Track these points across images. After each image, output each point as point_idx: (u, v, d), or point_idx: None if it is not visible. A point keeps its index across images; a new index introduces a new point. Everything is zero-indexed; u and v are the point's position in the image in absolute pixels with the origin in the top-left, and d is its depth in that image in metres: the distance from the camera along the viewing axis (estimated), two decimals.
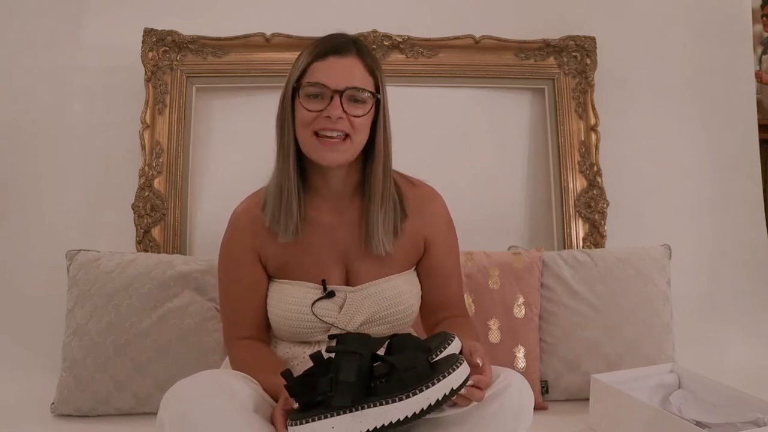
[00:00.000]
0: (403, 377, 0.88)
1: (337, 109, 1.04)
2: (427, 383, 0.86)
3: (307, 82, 1.06)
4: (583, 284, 1.64)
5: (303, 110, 1.06)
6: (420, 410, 0.86)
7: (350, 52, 1.08)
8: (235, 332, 1.17)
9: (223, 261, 1.18)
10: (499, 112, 1.96)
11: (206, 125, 1.88)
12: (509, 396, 0.96)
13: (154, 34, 1.81)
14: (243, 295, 1.16)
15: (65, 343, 1.52)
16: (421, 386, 0.86)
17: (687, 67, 2.04)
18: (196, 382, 0.95)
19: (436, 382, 0.86)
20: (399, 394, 0.86)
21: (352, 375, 0.88)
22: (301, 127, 1.07)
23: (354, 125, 1.06)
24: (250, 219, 1.16)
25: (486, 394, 0.94)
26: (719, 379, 1.45)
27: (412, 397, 0.86)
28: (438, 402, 0.86)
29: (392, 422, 0.86)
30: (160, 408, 0.93)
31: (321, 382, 0.89)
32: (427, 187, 1.23)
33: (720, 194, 2.05)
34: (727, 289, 2.02)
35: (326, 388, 0.88)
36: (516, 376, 1.00)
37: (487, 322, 1.57)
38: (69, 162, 1.87)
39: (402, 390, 0.86)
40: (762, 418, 1.29)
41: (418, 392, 0.86)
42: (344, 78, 1.05)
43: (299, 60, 1.09)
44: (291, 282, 1.15)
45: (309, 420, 0.87)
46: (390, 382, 0.89)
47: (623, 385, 1.40)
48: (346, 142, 1.07)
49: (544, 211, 1.95)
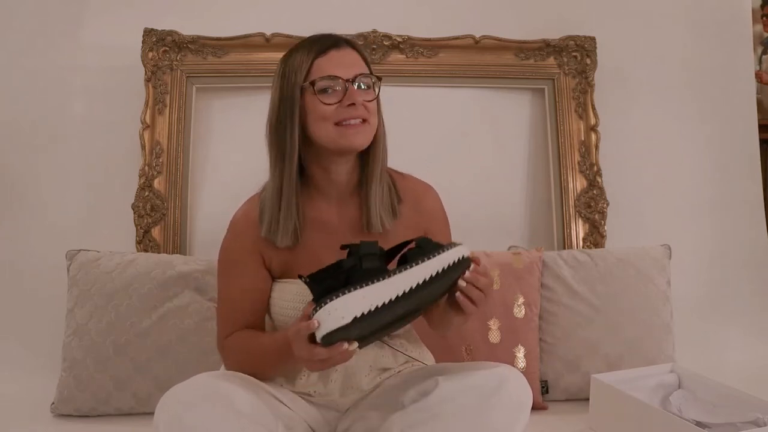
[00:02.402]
0: (421, 245, 0.98)
1: (358, 95, 1.07)
2: (444, 248, 0.97)
3: (320, 77, 1.07)
4: (583, 284, 1.64)
5: (321, 105, 1.07)
6: (442, 269, 0.95)
7: (344, 45, 1.12)
8: (231, 331, 1.16)
9: (224, 264, 1.18)
10: (499, 112, 1.96)
11: (206, 125, 1.88)
12: (507, 389, 0.98)
13: (154, 34, 1.81)
14: (243, 298, 1.16)
15: (65, 343, 1.52)
16: (439, 250, 0.97)
17: (687, 67, 2.04)
18: (192, 386, 0.95)
19: (452, 248, 0.98)
20: (421, 257, 0.95)
21: (375, 249, 0.95)
22: (320, 122, 1.08)
23: (368, 109, 1.10)
24: (251, 222, 1.16)
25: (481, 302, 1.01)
26: (719, 379, 1.44)
27: (433, 258, 0.95)
28: (455, 264, 0.97)
29: (419, 283, 0.93)
30: (156, 411, 0.93)
31: (346, 261, 0.93)
32: (417, 179, 1.26)
33: (720, 194, 2.05)
34: (727, 289, 2.01)
35: (352, 262, 0.93)
36: (513, 371, 1.02)
37: (487, 322, 1.57)
38: (69, 162, 1.87)
39: (423, 255, 0.96)
40: (762, 418, 1.29)
41: (438, 254, 0.96)
42: (351, 67, 1.09)
43: (295, 61, 1.10)
44: (294, 281, 1.15)
45: (339, 294, 0.89)
46: (409, 256, 0.97)
47: (623, 385, 1.40)
48: (366, 125, 1.10)
49: (544, 211, 1.95)
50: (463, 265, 0.98)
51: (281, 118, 1.10)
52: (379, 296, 0.90)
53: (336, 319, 0.87)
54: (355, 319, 0.88)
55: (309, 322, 0.89)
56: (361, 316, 0.88)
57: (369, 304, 0.89)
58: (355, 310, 0.88)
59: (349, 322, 0.87)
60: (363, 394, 1.17)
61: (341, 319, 0.87)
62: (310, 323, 0.88)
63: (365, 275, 0.92)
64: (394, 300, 0.91)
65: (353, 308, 0.88)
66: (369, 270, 0.92)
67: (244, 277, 1.15)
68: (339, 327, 0.87)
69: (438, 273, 0.95)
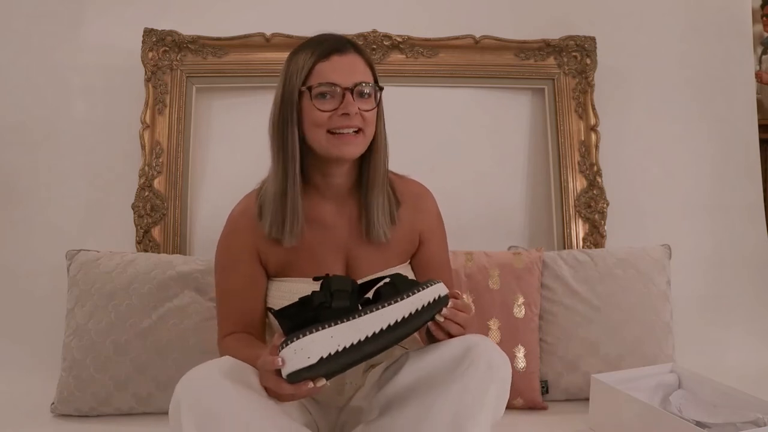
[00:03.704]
0: (395, 284, 0.95)
1: (353, 105, 1.06)
2: (419, 287, 0.95)
3: (318, 83, 1.06)
4: (583, 284, 1.64)
5: (316, 111, 1.07)
6: (415, 311, 0.93)
7: (349, 50, 1.10)
8: (229, 329, 1.17)
9: (222, 260, 1.18)
10: (499, 112, 1.96)
11: (206, 125, 1.88)
12: (476, 352, 0.97)
13: (154, 34, 1.81)
14: (241, 295, 1.16)
15: (65, 343, 1.52)
16: (413, 290, 0.94)
17: (687, 67, 2.04)
18: (210, 367, 0.95)
19: (427, 287, 0.96)
20: (394, 297, 0.93)
21: (347, 285, 0.92)
22: (313, 127, 1.08)
23: (365, 119, 1.09)
24: (250, 219, 1.16)
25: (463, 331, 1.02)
26: (719, 379, 1.45)
27: (406, 299, 0.93)
28: (429, 305, 0.94)
29: (390, 324, 0.90)
30: (175, 393, 0.92)
31: (316, 295, 0.91)
32: (415, 182, 1.26)
33: (720, 194, 2.05)
34: (727, 289, 2.01)
35: (322, 298, 0.90)
36: (483, 338, 1.02)
37: (487, 322, 1.57)
38: (69, 162, 1.87)
39: (396, 295, 0.93)
40: (762, 418, 1.29)
41: (411, 294, 0.94)
42: (351, 74, 1.08)
43: (298, 62, 1.09)
44: (292, 279, 1.16)
45: (306, 333, 0.86)
46: (383, 293, 0.95)
47: (623, 385, 1.40)
48: (359, 136, 1.09)
49: (544, 211, 1.95)
50: (439, 304, 0.96)
51: (283, 118, 1.10)
52: (347, 337, 0.87)
53: (301, 359, 0.85)
54: (321, 360, 0.85)
55: (274, 359, 0.87)
56: (327, 356, 0.86)
57: (336, 344, 0.86)
58: (321, 350, 0.86)
59: (315, 363, 0.85)
60: (358, 388, 1.18)
61: (306, 359, 0.85)
62: (274, 360, 0.87)
63: (335, 313, 0.89)
64: (363, 341, 0.88)
65: (320, 348, 0.86)
66: (339, 308, 0.90)
67: (241, 273, 1.15)
68: (304, 367, 0.85)
69: (410, 314, 0.93)
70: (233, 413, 0.88)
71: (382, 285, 0.97)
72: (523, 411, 1.54)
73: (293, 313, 0.91)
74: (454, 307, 0.99)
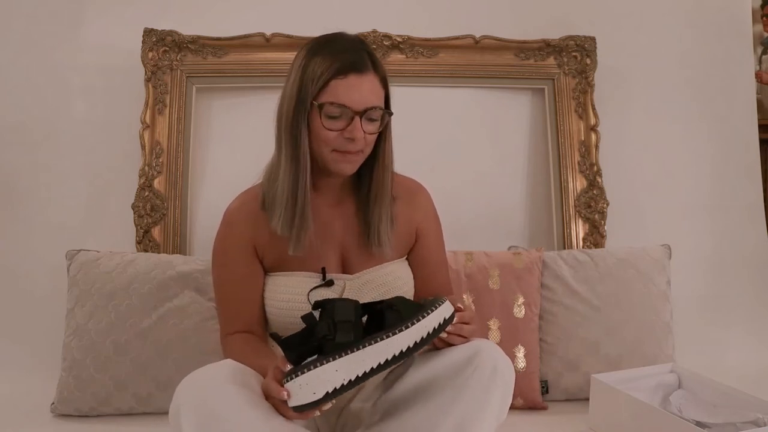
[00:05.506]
0: (399, 311, 0.91)
1: (359, 131, 1.07)
2: (424, 313, 0.91)
3: (329, 103, 1.06)
4: (583, 284, 1.64)
5: (324, 130, 1.07)
6: (420, 339, 0.89)
7: (368, 68, 1.08)
8: (231, 327, 1.17)
9: (219, 257, 1.19)
10: (499, 112, 1.96)
11: (206, 125, 1.88)
12: (480, 357, 0.98)
13: (154, 34, 1.81)
14: (239, 290, 1.17)
15: (65, 343, 1.52)
16: (418, 316, 0.90)
17: (687, 67, 2.04)
18: (213, 370, 0.95)
19: (432, 311, 0.92)
20: (399, 326, 0.89)
21: (351, 314, 0.89)
22: (320, 143, 1.09)
23: (367, 141, 1.10)
24: (247, 214, 1.16)
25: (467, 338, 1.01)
26: (719, 379, 1.45)
27: (411, 327, 0.89)
28: (435, 330, 0.91)
29: (395, 355, 0.88)
30: (176, 395, 0.92)
31: (319, 326, 0.88)
32: (409, 178, 1.27)
33: (720, 194, 2.05)
34: (727, 289, 2.01)
35: (325, 331, 0.87)
36: (487, 342, 1.02)
37: (487, 322, 1.57)
38: (69, 162, 1.87)
39: (400, 323, 0.89)
40: (762, 418, 1.29)
41: (416, 322, 0.90)
42: (365, 99, 1.07)
43: (315, 70, 1.06)
44: (288, 274, 1.16)
45: (311, 368, 0.85)
46: (386, 320, 0.91)
47: (623, 385, 1.40)
48: (359, 154, 1.11)
49: (544, 211, 1.95)
50: (444, 326, 0.94)
51: (296, 121, 1.09)
52: (352, 370, 0.86)
53: (307, 394, 0.85)
54: (327, 394, 0.85)
55: (280, 390, 0.87)
56: (333, 390, 0.85)
57: (342, 378, 0.86)
58: (327, 385, 0.85)
59: (321, 398, 0.85)
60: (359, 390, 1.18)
61: (312, 395, 0.84)
62: (280, 391, 0.87)
63: (339, 345, 0.87)
64: (368, 372, 0.87)
65: (326, 383, 0.85)
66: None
67: (239, 268, 1.16)
68: (310, 402, 0.85)
69: (416, 343, 0.90)
70: (237, 415, 0.88)
71: (386, 308, 0.94)
72: (523, 411, 1.54)
73: (297, 342, 0.90)
74: (459, 320, 0.99)
